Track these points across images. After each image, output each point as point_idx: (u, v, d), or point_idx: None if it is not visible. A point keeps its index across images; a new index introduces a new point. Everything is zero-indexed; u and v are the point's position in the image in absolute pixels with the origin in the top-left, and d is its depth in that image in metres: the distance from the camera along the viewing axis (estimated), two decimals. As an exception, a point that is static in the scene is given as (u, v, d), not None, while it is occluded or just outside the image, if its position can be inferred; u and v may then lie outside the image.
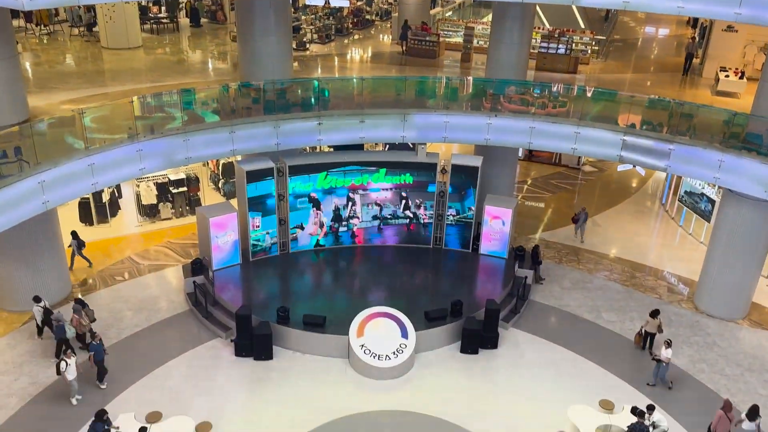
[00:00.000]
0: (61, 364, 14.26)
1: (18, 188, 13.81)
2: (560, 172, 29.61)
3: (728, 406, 13.96)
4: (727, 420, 13.76)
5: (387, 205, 20.22)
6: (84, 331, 16.29)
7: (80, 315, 16.20)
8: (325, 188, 19.54)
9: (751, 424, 13.75)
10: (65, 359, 14.33)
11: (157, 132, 16.35)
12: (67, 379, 14.40)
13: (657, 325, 16.96)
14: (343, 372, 16.09)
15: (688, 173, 18.47)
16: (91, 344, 14.99)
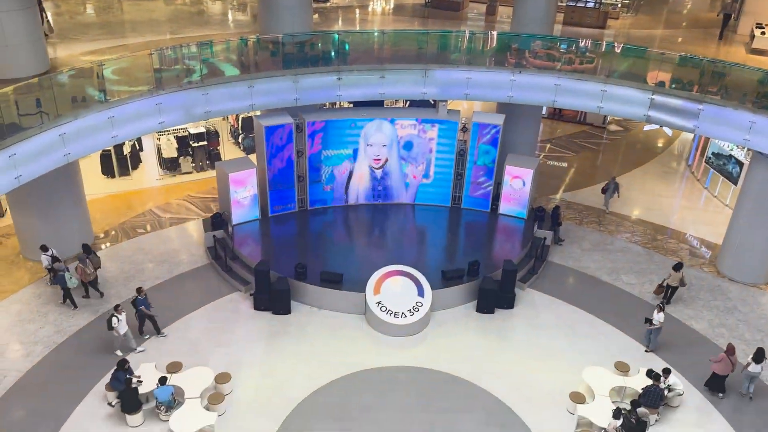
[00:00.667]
0: (112, 320, 14.50)
1: (39, 140, 13.90)
2: (584, 131, 29.02)
3: (731, 350, 14.32)
4: (729, 362, 14.18)
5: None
6: (87, 280, 16.61)
7: (85, 264, 16.48)
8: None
9: (757, 366, 14.12)
10: (116, 315, 14.56)
11: (176, 85, 16.23)
12: (118, 333, 14.71)
13: (679, 278, 16.93)
14: (360, 328, 16.26)
15: (717, 134, 17.93)
16: (137, 299, 15.23)
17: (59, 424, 13.20)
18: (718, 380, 14.49)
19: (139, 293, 15.28)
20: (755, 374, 14.28)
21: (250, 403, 13.96)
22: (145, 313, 15.33)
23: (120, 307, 14.77)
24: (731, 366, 14.22)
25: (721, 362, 14.27)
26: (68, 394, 13.91)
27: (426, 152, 19.86)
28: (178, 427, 12.70)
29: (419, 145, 19.77)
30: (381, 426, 13.50)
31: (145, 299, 15.30)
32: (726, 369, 14.28)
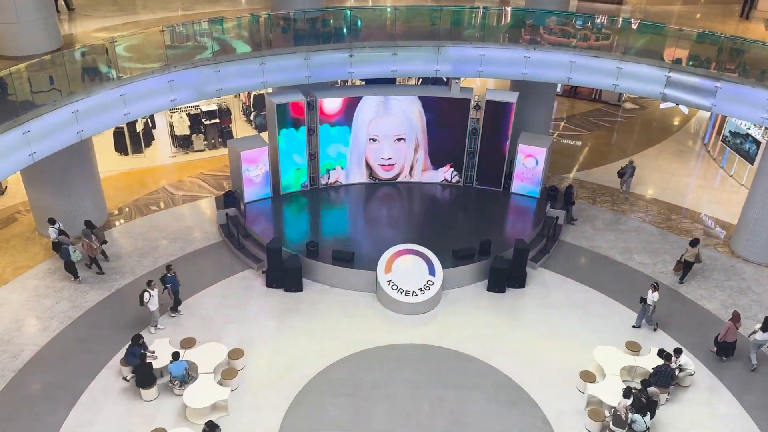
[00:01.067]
0: (144, 295, 14.65)
1: (53, 118, 13.93)
2: (599, 109, 28.71)
3: (736, 317, 14.72)
4: (735, 330, 14.62)
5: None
6: (95, 255, 16.83)
7: (90, 239, 16.68)
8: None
9: (764, 334, 14.44)
10: (148, 290, 14.69)
11: (187, 62, 16.18)
12: (149, 310, 14.87)
13: (695, 254, 16.90)
14: (371, 306, 16.34)
15: (734, 113, 17.62)
16: (166, 276, 15.34)
17: (75, 397, 13.45)
18: (727, 346, 14.82)
19: (168, 271, 15.37)
20: (762, 342, 14.56)
21: (263, 378, 14.13)
22: (169, 292, 15.43)
23: (153, 283, 14.84)
24: (737, 332, 14.70)
25: (728, 332, 14.62)
26: (84, 368, 14.15)
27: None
28: (191, 401, 12.90)
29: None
30: (391, 402, 13.62)
31: (174, 277, 15.39)
32: (733, 336, 14.68)
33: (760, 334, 14.50)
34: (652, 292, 15.22)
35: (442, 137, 19.89)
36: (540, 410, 13.57)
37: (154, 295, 14.78)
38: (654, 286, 15.32)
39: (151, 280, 14.95)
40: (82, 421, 12.95)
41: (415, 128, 19.70)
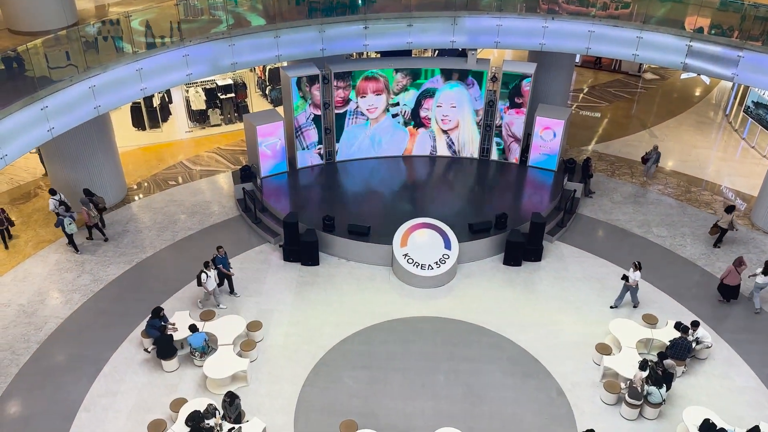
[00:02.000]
0: (201, 276, 14.64)
1: (70, 93, 14.05)
2: (619, 79, 28.24)
3: (738, 262, 15.26)
4: (736, 273, 15.22)
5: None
6: (93, 223, 17.11)
7: (88, 207, 16.94)
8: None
9: (765, 277, 15.07)
10: (205, 271, 14.68)
11: (203, 36, 16.15)
12: (207, 290, 14.92)
13: (729, 221, 16.90)
14: (387, 279, 16.44)
15: (757, 83, 17.21)
16: (216, 257, 15.26)
17: (98, 368, 13.77)
18: (729, 289, 15.43)
19: (218, 251, 15.28)
20: (762, 285, 15.12)
21: (281, 350, 14.34)
22: (222, 272, 15.37)
23: (210, 264, 14.78)
24: (738, 276, 15.21)
25: (730, 275, 15.23)
26: (106, 340, 14.46)
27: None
28: (212, 372, 13.15)
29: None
30: (407, 373, 13.78)
31: (225, 258, 15.31)
32: (734, 279, 15.27)
33: (761, 277, 15.07)
34: (633, 271, 14.95)
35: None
36: (555, 382, 13.64)
37: (210, 276, 14.71)
38: (635, 264, 15.01)
39: (207, 261, 14.87)
40: (105, 391, 13.28)
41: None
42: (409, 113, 19.86)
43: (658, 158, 20.33)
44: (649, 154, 20.26)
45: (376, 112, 19.66)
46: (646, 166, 20.41)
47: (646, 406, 12.73)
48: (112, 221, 18.33)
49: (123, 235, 17.81)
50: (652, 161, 20.22)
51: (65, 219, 16.48)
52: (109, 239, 17.55)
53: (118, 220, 18.43)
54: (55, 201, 16.91)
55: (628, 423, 12.76)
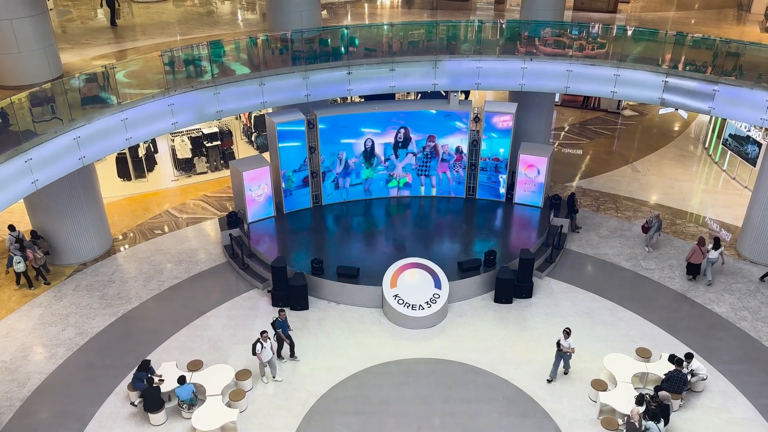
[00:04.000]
0: (256, 346, 13.86)
1: (54, 144, 14.00)
2: (599, 116, 28.79)
3: (702, 242, 17.23)
4: (700, 252, 17.20)
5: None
6: (38, 265, 17.21)
7: (33, 250, 17.05)
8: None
9: (716, 253, 17.15)
10: (261, 341, 13.87)
11: (187, 86, 16.31)
12: (262, 360, 14.09)
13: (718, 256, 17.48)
14: (377, 321, 16.26)
15: (733, 115, 17.66)
16: (276, 321, 14.69)
17: (83, 424, 13.36)
18: (693, 267, 17.46)
19: (279, 315, 14.73)
20: (714, 260, 17.19)
21: (271, 398, 14.02)
22: (282, 337, 14.77)
23: (265, 334, 14.00)
24: (702, 255, 17.18)
25: (694, 254, 17.26)
26: (91, 394, 14.07)
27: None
28: (200, 424, 12.80)
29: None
30: (401, 418, 13.49)
31: (285, 322, 14.71)
32: (699, 258, 17.29)
33: (712, 253, 17.15)
34: (565, 338, 14.01)
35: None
36: (553, 421, 13.41)
37: (266, 347, 14.01)
38: (566, 331, 14.09)
39: (264, 331, 14.08)
40: (91, 447, 12.86)
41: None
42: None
43: (660, 226, 18.84)
44: (650, 222, 18.81)
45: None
46: (648, 236, 18.98)
47: (645, 441, 12.52)
48: (97, 272, 18.09)
49: (108, 286, 17.55)
50: (655, 229, 18.77)
51: (15, 257, 16.69)
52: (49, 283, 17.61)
53: (104, 271, 18.19)
54: (11, 237, 17.04)
55: (629, 460, 12.53)
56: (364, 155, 19.71)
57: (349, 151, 19.54)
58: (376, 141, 19.59)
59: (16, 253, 16.78)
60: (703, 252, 17.20)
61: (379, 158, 19.87)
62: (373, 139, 19.53)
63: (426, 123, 19.52)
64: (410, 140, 19.75)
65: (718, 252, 17.18)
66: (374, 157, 19.83)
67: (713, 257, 17.21)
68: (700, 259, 17.28)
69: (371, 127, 19.39)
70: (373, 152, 19.76)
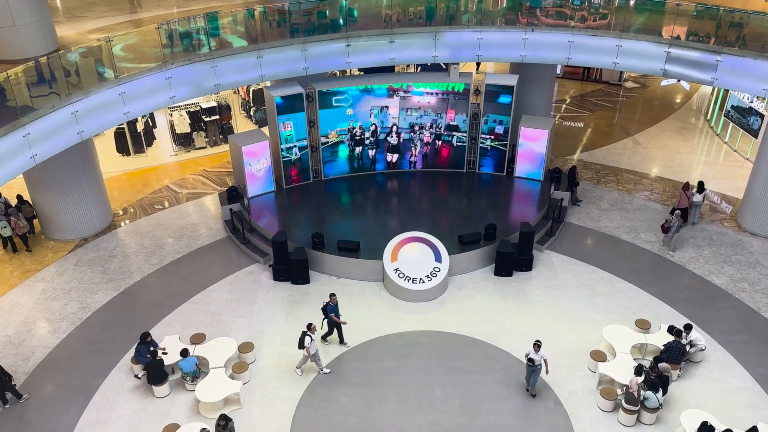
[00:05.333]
0: (305, 339, 13.52)
1: (52, 119, 13.95)
2: (600, 89, 28.58)
3: (687, 186, 18.48)
4: (686, 196, 18.30)
5: (428, 113, 19.86)
6: (23, 232, 17.62)
7: (18, 217, 17.44)
8: (361, 88, 19.24)
9: (699, 196, 18.34)
10: (309, 334, 13.53)
11: (185, 59, 16.14)
12: (309, 353, 13.71)
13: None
14: (378, 295, 16.34)
15: (736, 86, 17.52)
16: (328, 305, 14.43)
17: (88, 397, 13.51)
18: (682, 211, 18.13)
19: (331, 299, 14.52)
20: (698, 203, 18.36)
21: (274, 371, 14.15)
22: (334, 321, 14.60)
23: (313, 326, 13.70)
24: (688, 199, 18.27)
25: (681, 199, 18.30)
26: (95, 367, 14.20)
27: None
28: (204, 395, 12.93)
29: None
30: (403, 389, 13.63)
31: (336, 306, 14.53)
32: (685, 202, 18.32)
33: (696, 196, 18.31)
34: (536, 352, 13.00)
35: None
36: (552, 391, 13.55)
37: (315, 339, 13.69)
38: (537, 344, 13.02)
39: (311, 324, 13.77)
40: (96, 420, 13.01)
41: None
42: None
43: (680, 226, 17.53)
44: (670, 222, 17.45)
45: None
46: (668, 236, 17.69)
47: (643, 411, 12.66)
48: (98, 248, 18.14)
49: (109, 261, 17.61)
50: (675, 230, 17.43)
51: (0, 221, 17.08)
52: (31, 250, 18.00)
53: (105, 246, 18.23)
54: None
55: (627, 429, 12.68)
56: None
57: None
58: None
59: (1, 218, 17.20)
60: (688, 196, 18.29)
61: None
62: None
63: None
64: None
65: (702, 195, 18.40)
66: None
67: (698, 200, 18.35)
68: (687, 203, 18.32)
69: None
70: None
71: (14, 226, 17.40)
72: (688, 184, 18.57)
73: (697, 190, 18.43)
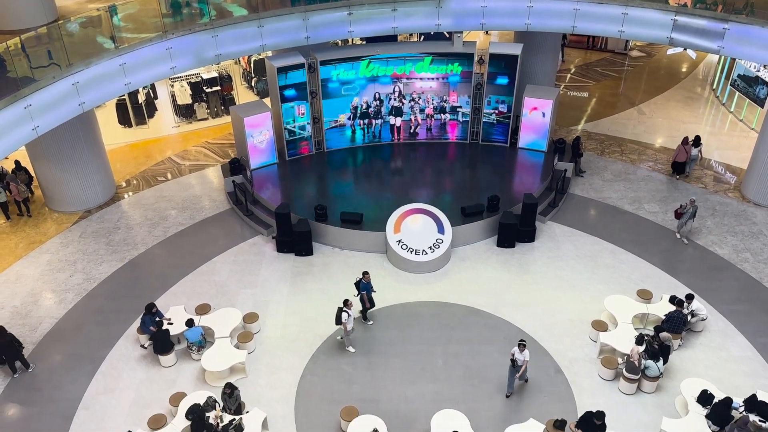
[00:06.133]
0: (342, 315, 13.55)
1: (53, 90, 13.88)
2: (605, 58, 28.24)
3: (685, 141, 19.22)
4: (684, 150, 19.16)
5: (432, 97, 19.79)
6: (23, 197, 17.84)
7: (16, 182, 17.59)
8: (367, 76, 19.19)
9: (695, 149, 19.27)
10: (346, 310, 13.57)
11: (185, 29, 15.97)
12: (347, 329, 13.72)
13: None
14: (381, 266, 16.41)
15: (743, 55, 17.26)
16: (360, 282, 14.41)
17: (95, 366, 13.70)
18: (677, 165, 19.40)
19: (364, 278, 14.44)
20: (695, 156, 19.32)
21: (279, 340, 14.31)
22: (366, 299, 14.48)
23: (350, 302, 13.74)
24: (685, 153, 19.13)
25: (679, 153, 19.24)
26: (102, 337, 14.38)
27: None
28: (210, 365, 13.11)
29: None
30: (406, 358, 13.79)
31: (369, 284, 14.45)
32: (682, 156, 19.25)
33: (694, 150, 19.19)
34: (521, 351, 12.56)
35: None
36: (553, 360, 13.70)
37: (351, 315, 13.69)
38: (522, 344, 12.58)
39: (347, 300, 13.78)
40: (104, 388, 13.22)
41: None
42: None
43: (695, 213, 16.74)
44: (684, 208, 16.77)
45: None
46: (680, 222, 16.92)
47: (643, 380, 12.81)
48: (103, 219, 18.21)
49: (114, 232, 17.69)
50: (688, 216, 16.70)
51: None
52: (32, 216, 18.34)
53: (109, 218, 18.30)
54: None
55: (627, 397, 12.84)
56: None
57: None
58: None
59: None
60: (686, 150, 19.05)
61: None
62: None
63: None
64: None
65: (698, 149, 19.24)
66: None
67: (694, 154, 19.21)
68: (684, 158, 19.18)
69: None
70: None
71: (14, 191, 17.58)
72: (687, 139, 19.17)
73: (693, 144, 19.11)
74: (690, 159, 19.24)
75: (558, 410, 12.48)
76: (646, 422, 12.32)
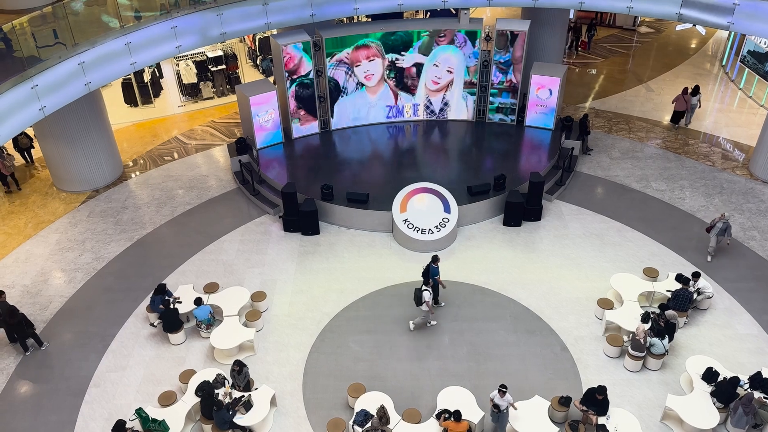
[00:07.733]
0: (424, 294, 13.47)
1: (60, 70, 13.87)
2: (614, 34, 27.92)
3: (685, 90, 20.21)
4: (683, 100, 20.19)
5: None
6: (10, 172, 18.11)
7: (3, 158, 17.83)
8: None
9: (695, 98, 20.14)
10: (427, 289, 13.54)
11: (190, 7, 15.87)
12: (429, 307, 13.55)
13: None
14: (387, 246, 16.47)
15: (753, 31, 16.99)
16: (431, 266, 14.08)
17: (106, 344, 13.89)
18: (677, 115, 20.53)
19: (434, 261, 14.18)
20: (694, 105, 20.41)
21: (286, 318, 14.45)
22: (438, 282, 14.24)
23: (429, 281, 13.85)
24: (685, 102, 20.15)
25: (678, 101, 20.23)
26: (112, 316, 14.55)
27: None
28: (218, 342, 13.27)
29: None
30: (412, 336, 13.91)
31: (438, 269, 14.18)
32: (682, 106, 20.33)
33: (693, 99, 20.30)
34: (501, 397, 11.38)
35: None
36: (558, 337, 13.78)
37: (431, 292, 13.67)
38: (502, 390, 11.35)
39: (428, 281, 13.80)
40: (114, 366, 13.41)
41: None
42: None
43: (726, 228, 15.20)
44: (715, 222, 15.38)
45: (373, 79, 19.46)
46: (712, 234, 15.38)
47: (649, 357, 12.88)
48: (110, 199, 18.31)
49: (122, 212, 17.80)
50: (721, 230, 15.21)
51: None
52: (21, 189, 18.72)
53: (116, 197, 18.40)
54: None
55: (632, 375, 12.93)
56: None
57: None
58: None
59: None
60: (686, 100, 20.11)
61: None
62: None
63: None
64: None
65: (697, 98, 20.25)
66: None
67: (693, 102, 20.21)
68: (684, 107, 20.26)
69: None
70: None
71: (2, 165, 17.92)
72: (687, 89, 20.25)
73: (692, 93, 20.21)
74: (690, 108, 20.17)
75: (563, 387, 12.59)
76: (651, 399, 12.43)
